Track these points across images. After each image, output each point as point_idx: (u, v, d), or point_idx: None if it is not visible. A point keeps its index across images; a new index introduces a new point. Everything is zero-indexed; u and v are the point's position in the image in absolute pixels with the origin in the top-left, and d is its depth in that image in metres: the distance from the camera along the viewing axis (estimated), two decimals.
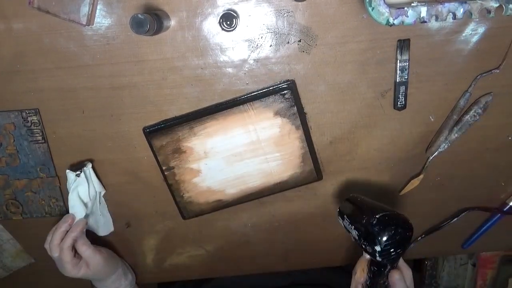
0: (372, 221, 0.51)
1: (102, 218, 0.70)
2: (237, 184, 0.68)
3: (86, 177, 0.64)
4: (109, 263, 0.68)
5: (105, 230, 0.72)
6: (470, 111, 0.63)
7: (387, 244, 0.50)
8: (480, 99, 0.63)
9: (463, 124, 0.64)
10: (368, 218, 0.52)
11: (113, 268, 0.69)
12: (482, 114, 0.63)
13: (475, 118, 0.63)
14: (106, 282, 0.69)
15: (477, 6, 0.51)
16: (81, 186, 0.64)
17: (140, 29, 0.49)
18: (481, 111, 0.63)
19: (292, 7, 0.57)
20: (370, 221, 0.51)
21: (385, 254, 0.51)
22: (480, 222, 0.75)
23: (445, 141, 0.65)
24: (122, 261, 0.75)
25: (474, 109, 0.63)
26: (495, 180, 0.71)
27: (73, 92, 0.62)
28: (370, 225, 0.51)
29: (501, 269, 0.98)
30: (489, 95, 0.62)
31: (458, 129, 0.64)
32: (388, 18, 0.51)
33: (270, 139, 0.65)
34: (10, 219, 0.72)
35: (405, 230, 0.51)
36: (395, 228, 0.50)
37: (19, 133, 0.65)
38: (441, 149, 0.65)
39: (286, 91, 0.61)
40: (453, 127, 0.64)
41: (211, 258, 0.79)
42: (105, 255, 0.67)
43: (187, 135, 0.64)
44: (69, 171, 0.64)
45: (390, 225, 0.51)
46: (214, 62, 0.60)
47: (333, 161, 0.68)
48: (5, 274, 0.77)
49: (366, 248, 0.52)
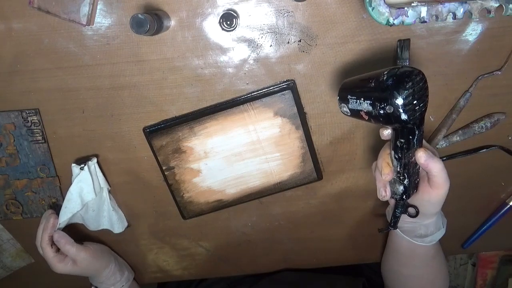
0: (383, 78, 0.45)
1: (115, 214, 0.70)
2: (237, 184, 0.68)
3: (90, 172, 0.64)
4: (98, 259, 0.68)
5: (121, 226, 0.71)
6: (480, 122, 0.64)
7: (408, 94, 0.44)
8: (494, 114, 0.63)
9: (468, 131, 0.64)
10: (378, 77, 0.45)
11: (104, 264, 0.69)
12: (489, 128, 0.64)
13: (482, 129, 0.64)
14: (100, 278, 0.70)
15: (477, 6, 0.51)
16: (85, 180, 0.64)
17: (140, 29, 0.49)
18: (489, 125, 0.63)
19: (292, 7, 0.57)
20: (380, 79, 0.45)
21: (410, 108, 0.44)
22: (480, 222, 0.75)
23: (444, 140, 0.65)
24: (117, 257, 0.75)
25: (484, 121, 0.63)
26: (495, 180, 0.71)
27: (73, 92, 0.62)
28: (382, 82, 0.45)
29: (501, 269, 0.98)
30: (503, 113, 0.63)
31: (462, 133, 0.64)
32: (388, 18, 0.51)
33: (270, 139, 0.65)
34: (10, 219, 0.72)
35: (420, 78, 0.45)
36: (408, 76, 0.44)
37: (19, 133, 0.65)
38: (438, 146, 0.65)
39: (286, 91, 0.61)
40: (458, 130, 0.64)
41: (211, 258, 0.79)
42: (92, 252, 0.67)
43: (187, 135, 0.64)
44: (74, 164, 0.64)
45: (403, 75, 0.44)
46: (214, 62, 0.60)
47: (333, 161, 0.68)
48: (5, 274, 0.77)
49: (386, 109, 0.45)
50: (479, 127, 0.63)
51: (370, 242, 0.76)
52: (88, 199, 0.65)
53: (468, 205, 0.73)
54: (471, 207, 0.73)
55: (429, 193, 0.51)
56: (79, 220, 0.69)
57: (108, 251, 0.73)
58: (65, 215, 0.65)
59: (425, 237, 0.57)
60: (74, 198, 0.64)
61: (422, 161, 0.47)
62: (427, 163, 0.47)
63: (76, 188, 0.64)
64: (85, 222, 0.70)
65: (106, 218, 0.69)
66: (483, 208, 0.74)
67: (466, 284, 1.06)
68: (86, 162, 0.64)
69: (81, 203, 0.65)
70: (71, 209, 0.65)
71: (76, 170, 0.64)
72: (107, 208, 0.68)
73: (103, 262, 0.69)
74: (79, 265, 0.66)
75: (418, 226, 0.57)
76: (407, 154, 0.48)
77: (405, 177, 0.50)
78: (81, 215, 0.69)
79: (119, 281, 0.71)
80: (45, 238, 0.64)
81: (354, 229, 0.75)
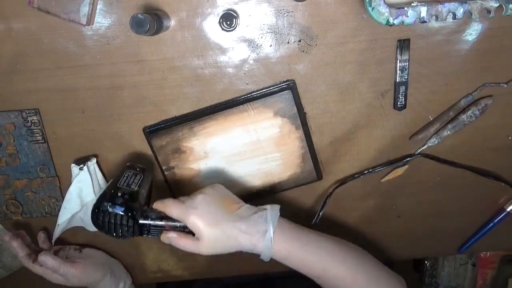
0: None
1: None
2: (237, 184, 0.68)
3: (90, 173, 0.64)
4: (90, 273, 0.67)
5: None
6: (468, 111, 0.63)
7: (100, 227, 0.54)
8: (480, 100, 0.62)
9: (457, 123, 0.63)
10: None
11: (97, 278, 0.68)
12: (478, 116, 0.62)
13: (471, 118, 0.63)
14: (98, 286, 0.69)
15: (477, 6, 0.51)
16: (84, 181, 0.64)
17: (140, 29, 0.49)
18: (478, 112, 0.62)
19: (292, 7, 0.57)
20: None
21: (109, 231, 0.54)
22: (478, 223, 0.75)
23: (434, 137, 0.64)
24: (115, 265, 0.74)
25: (472, 110, 0.62)
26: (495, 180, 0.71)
27: (73, 92, 0.62)
28: None
29: (501, 269, 0.97)
30: (489, 98, 0.62)
31: (452, 127, 0.63)
32: (388, 18, 0.51)
33: (270, 139, 0.65)
34: (10, 219, 0.72)
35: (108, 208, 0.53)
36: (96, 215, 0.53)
37: (19, 133, 0.65)
38: (430, 143, 0.65)
39: (286, 91, 0.61)
40: (447, 124, 0.64)
41: (211, 258, 0.78)
42: (82, 268, 0.65)
43: (187, 135, 0.64)
44: (73, 165, 0.64)
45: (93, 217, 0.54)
46: (214, 62, 0.60)
47: (333, 161, 0.68)
48: (5, 274, 0.77)
49: None
50: (468, 117, 0.63)
51: (369, 243, 0.76)
52: (88, 200, 0.65)
53: (468, 206, 0.73)
54: (470, 208, 0.73)
55: None
56: (78, 223, 0.69)
57: (104, 261, 0.72)
58: (64, 216, 0.65)
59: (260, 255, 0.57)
60: (73, 198, 0.64)
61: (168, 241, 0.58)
62: None
63: (75, 188, 0.64)
64: (85, 224, 0.69)
65: None
66: (481, 210, 0.73)
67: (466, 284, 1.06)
68: (86, 162, 0.64)
69: (80, 204, 0.65)
70: (70, 209, 0.65)
71: (75, 170, 0.64)
72: None
73: (96, 276, 0.68)
74: (69, 279, 0.64)
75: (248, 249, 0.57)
76: None
77: None
78: (80, 217, 0.68)
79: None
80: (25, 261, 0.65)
81: (354, 229, 0.75)
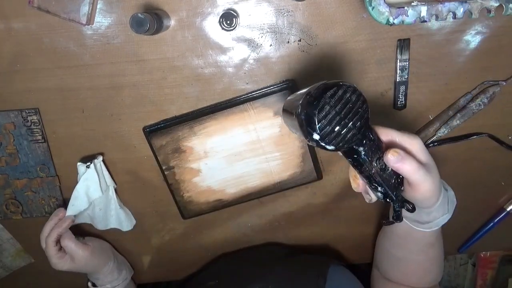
0: (297, 112, 0.40)
1: (122, 211, 0.70)
2: (237, 184, 0.68)
3: (96, 170, 0.64)
4: (96, 257, 0.68)
5: (129, 224, 0.71)
6: (477, 99, 0.62)
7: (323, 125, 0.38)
8: (488, 88, 0.62)
9: (467, 112, 0.63)
10: (296, 110, 0.40)
11: (102, 262, 0.70)
12: (487, 104, 0.62)
13: (480, 107, 0.62)
14: (98, 275, 0.70)
15: (477, 6, 0.51)
16: (91, 178, 0.64)
17: (140, 29, 0.49)
18: (487, 100, 0.62)
19: (292, 7, 0.57)
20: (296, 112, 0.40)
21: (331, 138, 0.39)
22: (479, 223, 0.75)
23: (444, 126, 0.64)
24: (118, 255, 0.75)
25: (480, 98, 0.62)
26: (495, 180, 0.71)
27: (73, 92, 0.62)
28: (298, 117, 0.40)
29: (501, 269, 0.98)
30: (497, 86, 0.62)
31: (461, 116, 0.63)
32: (388, 17, 0.51)
33: (270, 139, 0.65)
34: (10, 218, 0.72)
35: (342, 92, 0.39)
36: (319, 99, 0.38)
37: (19, 133, 0.65)
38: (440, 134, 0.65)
39: (286, 91, 0.61)
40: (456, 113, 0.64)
41: (211, 257, 0.79)
42: (91, 250, 0.67)
43: (187, 134, 0.64)
44: (80, 163, 0.64)
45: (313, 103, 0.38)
46: (214, 62, 0.60)
47: (333, 161, 0.68)
48: (5, 274, 0.77)
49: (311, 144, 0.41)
50: (477, 105, 0.63)
51: (370, 241, 0.76)
52: (95, 197, 0.66)
53: (468, 205, 0.73)
54: (471, 207, 0.73)
55: (411, 192, 0.48)
56: (87, 220, 0.70)
57: (108, 248, 0.73)
58: (72, 213, 0.66)
59: (426, 223, 0.54)
60: (80, 196, 0.65)
61: (391, 164, 0.44)
62: (397, 167, 0.44)
63: (83, 186, 0.64)
64: (93, 221, 0.70)
65: (114, 217, 0.69)
66: (482, 209, 0.74)
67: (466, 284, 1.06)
68: (92, 160, 0.65)
69: (87, 201, 0.65)
70: (78, 206, 0.65)
71: (82, 168, 0.64)
72: (114, 207, 0.69)
73: (101, 260, 0.69)
74: (77, 262, 0.66)
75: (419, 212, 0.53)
76: (364, 169, 0.44)
77: (377, 186, 0.45)
78: (88, 214, 0.69)
79: (116, 279, 0.72)
80: (53, 236, 0.64)
81: (354, 228, 0.75)
